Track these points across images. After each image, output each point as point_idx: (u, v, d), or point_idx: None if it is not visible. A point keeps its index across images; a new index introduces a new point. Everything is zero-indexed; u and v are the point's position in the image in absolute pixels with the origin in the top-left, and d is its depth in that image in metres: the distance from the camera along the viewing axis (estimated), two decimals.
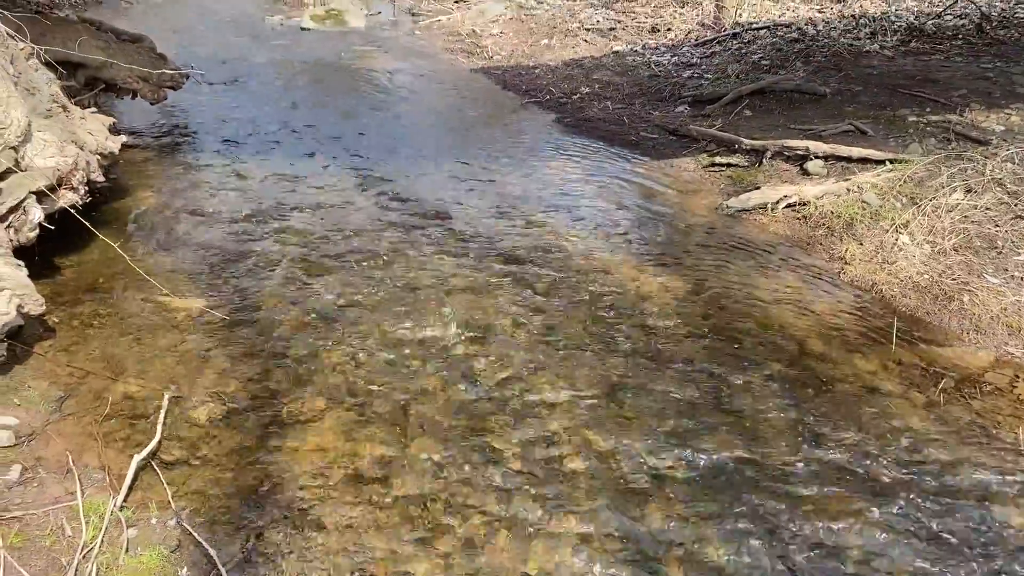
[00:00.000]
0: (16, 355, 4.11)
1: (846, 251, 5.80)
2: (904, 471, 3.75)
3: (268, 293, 5.01)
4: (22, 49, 5.15)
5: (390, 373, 4.29)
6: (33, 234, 4.47)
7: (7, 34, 4.76)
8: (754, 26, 11.66)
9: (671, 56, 11.16)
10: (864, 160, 6.95)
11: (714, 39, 11.45)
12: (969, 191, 6.08)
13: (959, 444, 3.94)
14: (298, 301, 4.93)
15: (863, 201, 6.23)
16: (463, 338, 4.64)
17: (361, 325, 4.70)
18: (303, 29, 13.43)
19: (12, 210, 4.36)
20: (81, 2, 12.54)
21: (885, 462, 3.80)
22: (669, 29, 12.31)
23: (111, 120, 6.07)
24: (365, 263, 5.45)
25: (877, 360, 4.63)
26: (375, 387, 4.16)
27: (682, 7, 13.12)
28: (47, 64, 5.43)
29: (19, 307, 3.89)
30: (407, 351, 4.49)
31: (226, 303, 4.86)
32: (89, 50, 6.57)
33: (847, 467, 3.77)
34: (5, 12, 4.55)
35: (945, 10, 11.55)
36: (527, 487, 3.56)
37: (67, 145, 4.89)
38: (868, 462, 3.80)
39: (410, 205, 6.46)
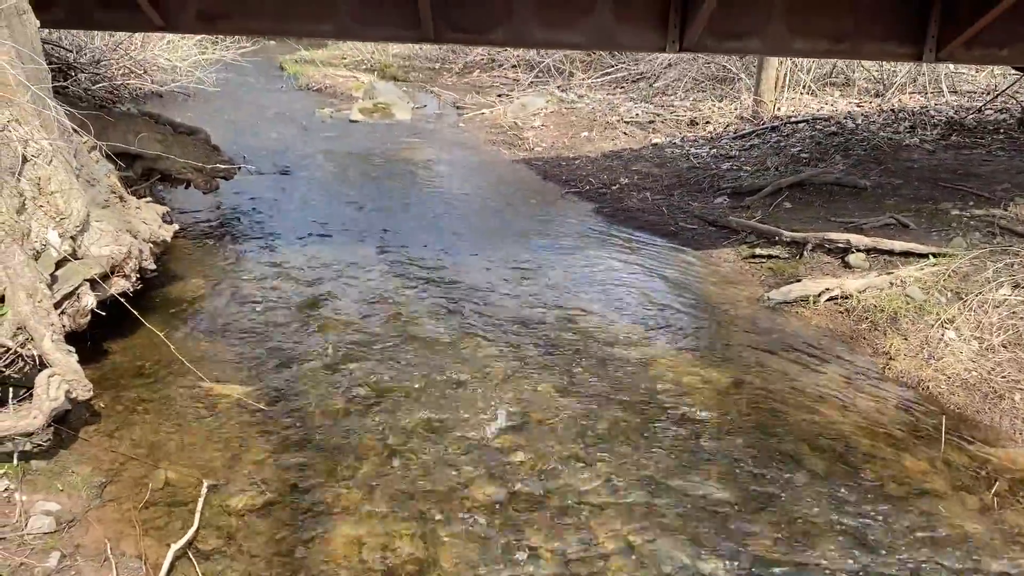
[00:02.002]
0: (62, 439, 4.17)
1: (890, 346, 5.71)
2: None
3: (308, 380, 5.06)
4: (85, 143, 5.41)
5: (427, 465, 4.26)
6: (85, 320, 4.59)
7: (72, 129, 5.00)
8: (793, 120, 11.81)
9: (710, 148, 11.31)
10: (907, 253, 6.90)
11: (752, 132, 11.60)
12: (1016, 286, 5.98)
13: (1018, 552, 3.78)
14: (337, 389, 4.97)
15: (907, 295, 6.16)
16: (502, 429, 4.62)
17: (399, 415, 4.71)
18: (352, 121, 13.89)
19: (67, 297, 4.49)
20: (142, 95, 13.10)
21: (940, 570, 3.65)
22: (708, 122, 12.51)
23: (164, 209, 6.29)
24: (405, 351, 5.49)
25: (926, 460, 4.50)
26: (412, 479, 4.14)
27: (720, 101, 13.35)
28: (107, 156, 5.68)
29: (68, 392, 3.97)
30: (445, 442, 4.47)
31: (267, 390, 4.92)
32: (147, 143, 6.87)
33: (899, 574, 3.62)
34: (72, 110, 4.80)
35: (985, 105, 11.60)
36: None
37: (122, 234, 5.06)
38: (922, 570, 3.65)
39: (451, 294, 6.53)
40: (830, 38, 6.45)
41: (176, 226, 6.18)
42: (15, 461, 3.89)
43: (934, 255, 6.71)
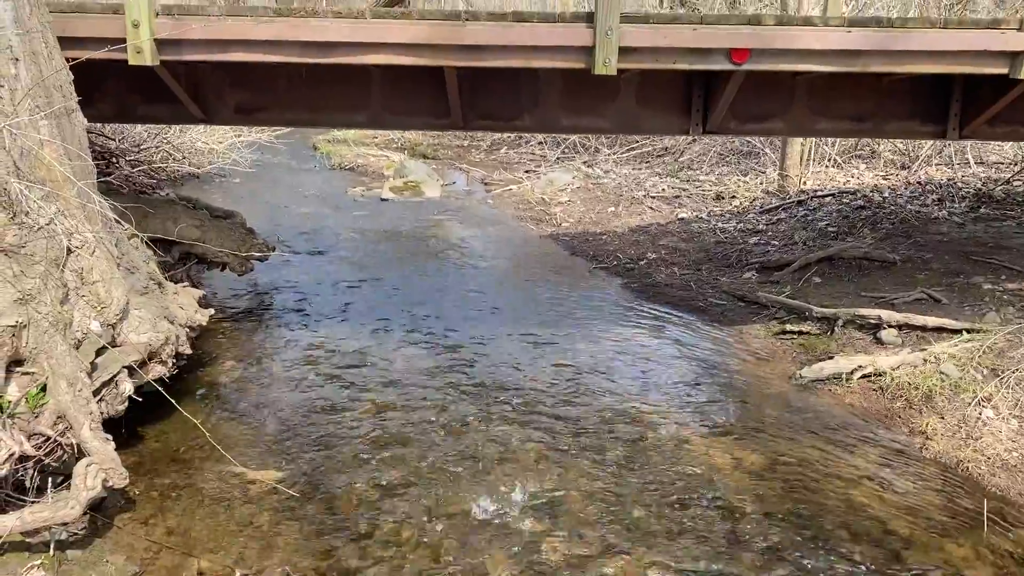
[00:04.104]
0: (97, 527, 4.22)
1: (927, 425, 5.62)
2: None
3: (341, 466, 5.08)
4: (125, 231, 5.59)
5: (458, 552, 4.24)
6: (122, 407, 4.68)
7: (114, 220, 5.18)
8: (819, 193, 11.86)
9: (736, 223, 11.37)
10: (940, 329, 6.84)
11: (779, 206, 11.65)
12: None
13: None
14: (370, 475, 4.97)
15: (941, 372, 6.08)
16: (531, 514, 4.59)
17: (431, 500, 4.70)
18: (383, 200, 14.16)
19: (105, 384, 4.59)
20: (180, 177, 13.49)
21: None
22: (734, 197, 12.60)
23: (200, 293, 6.45)
24: (437, 434, 5.50)
25: (969, 546, 4.39)
26: (446, 567, 4.11)
27: (745, 175, 13.46)
28: (146, 243, 5.86)
29: (104, 481, 4.03)
30: (476, 528, 4.45)
31: (299, 475, 4.94)
32: (185, 229, 7.07)
33: None
34: (115, 203, 4.98)
35: (1014, 176, 11.59)
36: None
37: (160, 321, 5.18)
38: None
39: (480, 374, 6.55)
40: (852, 118, 6.55)
41: (212, 310, 6.32)
42: (51, 551, 3.93)
43: (968, 331, 6.64)
